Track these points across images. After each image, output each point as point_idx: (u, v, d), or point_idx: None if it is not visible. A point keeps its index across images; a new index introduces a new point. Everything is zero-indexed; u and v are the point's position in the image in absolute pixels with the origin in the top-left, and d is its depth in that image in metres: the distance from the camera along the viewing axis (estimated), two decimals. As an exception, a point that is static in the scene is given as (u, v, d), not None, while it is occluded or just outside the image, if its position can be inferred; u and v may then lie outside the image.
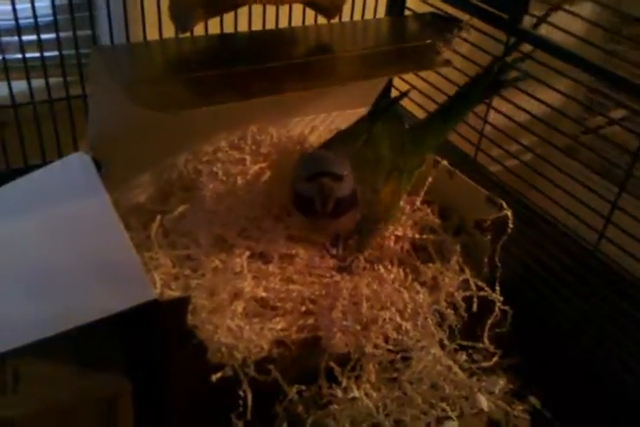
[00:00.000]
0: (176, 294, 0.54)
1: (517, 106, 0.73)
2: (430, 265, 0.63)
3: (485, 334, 0.64)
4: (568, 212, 0.66)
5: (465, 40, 0.68)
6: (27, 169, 0.66)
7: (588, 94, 1.14)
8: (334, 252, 0.63)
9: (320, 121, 0.81)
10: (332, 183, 0.55)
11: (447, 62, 0.63)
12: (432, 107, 0.84)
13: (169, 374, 0.54)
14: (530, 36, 0.65)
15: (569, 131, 0.78)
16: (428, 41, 0.62)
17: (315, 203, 0.56)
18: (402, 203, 0.67)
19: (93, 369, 0.52)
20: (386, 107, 0.68)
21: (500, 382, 0.66)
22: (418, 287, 0.62)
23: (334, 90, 0.75)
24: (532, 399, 0.67)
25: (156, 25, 0.69)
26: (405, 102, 0.90)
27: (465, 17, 0.70)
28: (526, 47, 0.67)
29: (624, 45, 1.16)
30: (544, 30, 0.67)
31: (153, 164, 0.71)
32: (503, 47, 0.68)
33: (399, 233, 0.65)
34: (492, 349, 0.65)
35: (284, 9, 0.75)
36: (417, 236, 0.65)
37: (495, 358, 0.65)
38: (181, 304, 0.49)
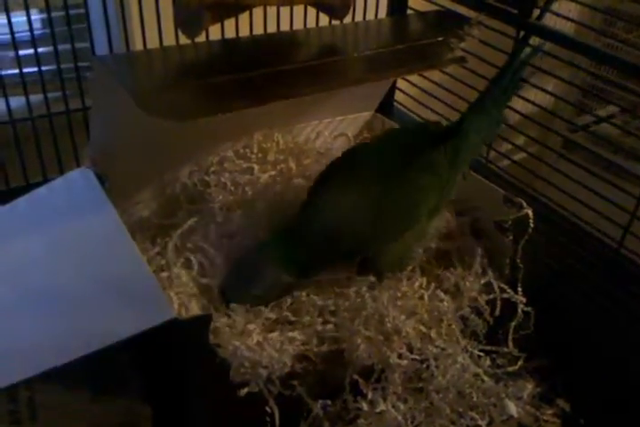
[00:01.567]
0: (192, 312, 0.52)
1: (527, 100, 0.72)
2: (452, 270, 0.62)
3: (510, 338, 0.62)
4: (589, 208, 0.65)
5: (471, 36, 0.66)
6: (28, 187, 0.64)
7: (590, 89, 1.14)
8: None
9: (324, 126, 0.79)
10: None
11: (461, 59, 0.61)
12: (437, 106, 0.84)
13: (191, 394, 0.52)
14: (541, 29, 0.63)
15: (568, 127, 0.78)
16: (440, 38, 0.61)
17: None
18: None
19: (111, 395, 0.49)
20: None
21: (528, 387, 0.65)
22: (441, 295, 0.60)
23: (337, 94, 0.73)
24: (561, 402, 0.65)
25: (157, 35, 0.67)
26: (409, 103, 0.89)
27: (470, 14, 0.69)
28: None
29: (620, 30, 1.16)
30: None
31: (156, 176, 0.69)
32: (512, 42, 0.67)
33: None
34: (515, 352, 0.63)
35: (285, 12, 0.73)
36: (434, 244, 0.63)
37: (520, 362, 0.63)
38: (203, 322, 0.47)
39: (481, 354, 0.61)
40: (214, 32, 0.69)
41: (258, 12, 0.72)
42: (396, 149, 0.59)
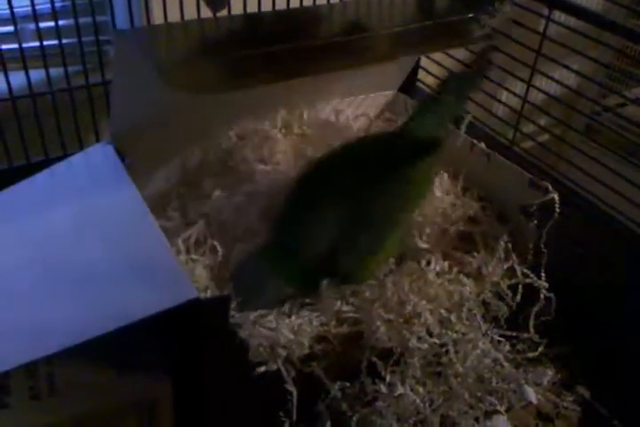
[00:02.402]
0: (213, 292, 0.52)
1: (552, 78, 0.71)
2: (475, 254, 0.61)
3: (531, 323, 0.62)
4: (615, 191, 0.63)
5: (502, 13, 0.64)
6: (47, 162, 0.64)
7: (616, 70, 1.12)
8: None
9: (346, 105, 0.78)
10: None
11: (488, 37, 0.59)
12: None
13: (210, 374, 0.51)
14: (570, 7, 0.62)
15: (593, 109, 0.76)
16: (470, 15, 0.59)
17: None
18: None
19: (131, 373, 0.49)
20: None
21: (548, 373, 0.64)
22: (463, 279, 0.59)
23: (360, 72, 0.71)
24: (582, 390, 0.64)
25: (178, 9, 0.66)
26: (432, 82, 0.87)
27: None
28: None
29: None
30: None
31: (177, 151, 0.69)
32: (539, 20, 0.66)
33: (443, 226, 0.63)
34: (536, 338, 0.62)
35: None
36: (461, 227, 0.62)
37: (541, 348, 0.63)
38: (223, 303, 0.47)
39: (501, 339, 0.60)
40: (236, 6, 0.68)
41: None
42: (367, 160, 0.58)
